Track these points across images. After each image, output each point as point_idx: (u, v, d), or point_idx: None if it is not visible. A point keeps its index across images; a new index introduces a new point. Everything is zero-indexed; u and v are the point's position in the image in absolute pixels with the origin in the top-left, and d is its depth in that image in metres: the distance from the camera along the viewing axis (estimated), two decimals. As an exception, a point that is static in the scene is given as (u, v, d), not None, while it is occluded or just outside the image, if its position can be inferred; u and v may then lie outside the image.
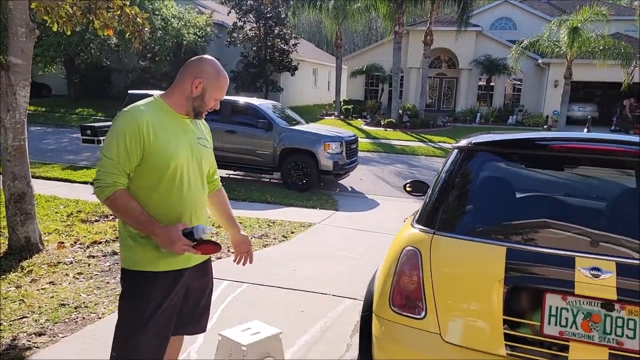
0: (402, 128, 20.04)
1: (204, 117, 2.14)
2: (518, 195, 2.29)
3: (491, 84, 25.61)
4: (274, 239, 5.68)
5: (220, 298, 3.91)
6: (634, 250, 1.88)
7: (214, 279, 2.36)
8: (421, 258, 2.05)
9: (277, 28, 24.20)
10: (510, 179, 2.27)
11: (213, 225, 5.43)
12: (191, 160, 2.06)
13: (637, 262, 1.83)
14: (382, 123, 20.69)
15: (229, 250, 5.15)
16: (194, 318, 2.27)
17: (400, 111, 21.66)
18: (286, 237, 5.75)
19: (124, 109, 1.98)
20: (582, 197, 2.27)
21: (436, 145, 15.95)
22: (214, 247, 1.97)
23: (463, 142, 2.32)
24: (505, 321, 1.87)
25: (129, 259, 2.03)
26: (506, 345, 1.87)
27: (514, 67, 21.62)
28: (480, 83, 26.35)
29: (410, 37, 24.96)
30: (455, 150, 2.34)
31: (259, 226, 6.14)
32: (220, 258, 4.92)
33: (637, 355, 1.74)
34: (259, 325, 2.92)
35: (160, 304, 2.01)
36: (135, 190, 1.99)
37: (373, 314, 2.19)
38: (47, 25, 5.14)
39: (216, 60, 2.08)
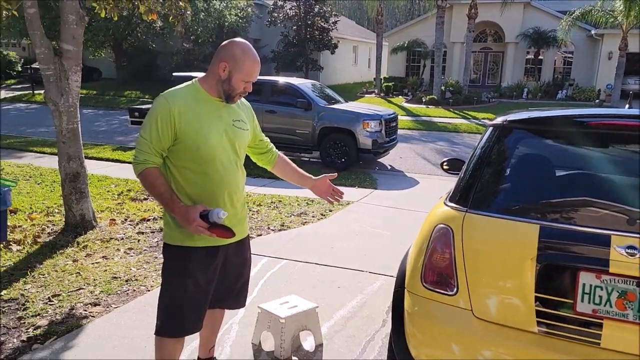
0: (445, 105, 19.62)
1: (236, 100, 2.17)
2: (553, 173, 2.26)
3: (539, 57, 24.55)
4: (313, 217, 5.78)
5: (260, 273, 4.05)
6: (673, 229, 1.84)
7: (254, 255, 2.46)
8: (453, 236, 2.07)
9: (317, 6, 24.02)
10: (545, 156, 2.24)
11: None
12: (225, 143, 2.12)
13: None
14: (424, 100, 20.32)
15: (269, 228, 5.30)
16: (233, 293, 2.38)
17: (443, 87, 21.18)
18: (324, 215, 5.84)
19: (162, 93, 2.08)
20: (620, 174, 2.21)
21: (480, 122, 15.56)
22: (226, 232, 2.02)
23: (498, 120, 2.31)
24: (537, 298, 1.88)
25: (168, 234, 2.17)
26: (538, 322, 1.87)
27: (564, 39, 20.59)
28: (528, 57, 25.32)
29: (453, 10, 24.22)
30: (490, 128, 2.33)
31: (298, 204, 6.26)
32: (261, 235, 5.08)
33: (673, 334, 1.72)
34: (296, 299, 3.04)
35: (196, 278, 2.14)
36: (177, 170, 2.11)
37: (405, 290, 2.23)
38: (95, 11, 5.35)
39: (247, 43, 2.10)
